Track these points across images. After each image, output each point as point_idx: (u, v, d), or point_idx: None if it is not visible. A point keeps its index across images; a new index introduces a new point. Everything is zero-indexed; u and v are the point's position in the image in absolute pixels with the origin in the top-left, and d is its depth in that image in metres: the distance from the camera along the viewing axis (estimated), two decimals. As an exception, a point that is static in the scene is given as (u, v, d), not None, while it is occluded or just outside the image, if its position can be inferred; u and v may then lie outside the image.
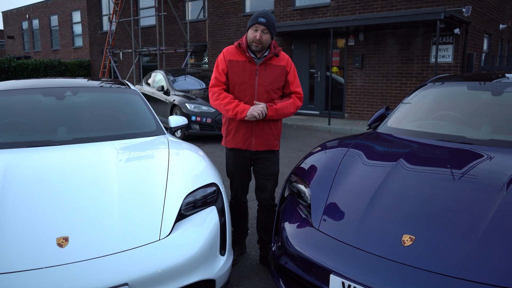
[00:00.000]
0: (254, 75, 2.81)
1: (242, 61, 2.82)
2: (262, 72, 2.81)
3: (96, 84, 3.84)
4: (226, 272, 2.42)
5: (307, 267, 2.12)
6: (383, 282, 1.81)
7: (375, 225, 2.09)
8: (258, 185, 3.02)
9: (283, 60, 2.89)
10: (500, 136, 2.83)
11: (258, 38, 2.72)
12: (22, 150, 2.81)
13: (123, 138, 3.19)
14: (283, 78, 2.87)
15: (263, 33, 2.73)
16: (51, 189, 2.30)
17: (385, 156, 2.68)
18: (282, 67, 2.86)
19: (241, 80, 2.82)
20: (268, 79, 2.82)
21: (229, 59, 2.84)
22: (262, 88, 2.81)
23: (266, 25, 2.72)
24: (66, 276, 1.87)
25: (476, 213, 1.98)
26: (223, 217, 2.53)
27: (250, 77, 2.81)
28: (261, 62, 2.81)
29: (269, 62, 2.83)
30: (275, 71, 2.83)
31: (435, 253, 1.85)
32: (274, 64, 2.84)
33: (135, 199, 2.33)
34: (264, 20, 2.71)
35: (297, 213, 2.48)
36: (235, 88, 2.86)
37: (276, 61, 2.85)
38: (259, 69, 2.81)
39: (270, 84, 2.82)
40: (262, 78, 2.81)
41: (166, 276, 2.05)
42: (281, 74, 2.85)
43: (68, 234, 2.03)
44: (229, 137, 2.95)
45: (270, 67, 2.83)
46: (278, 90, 2.88)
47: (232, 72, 2.84)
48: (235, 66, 2.82)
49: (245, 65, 2.82)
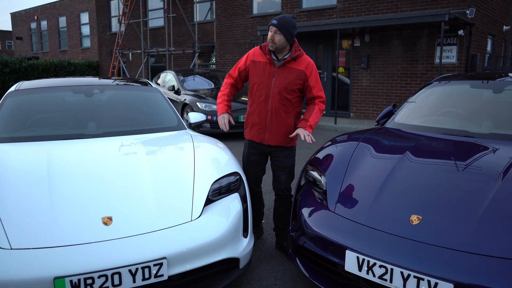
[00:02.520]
0: (272, 76, 3.03)
1: (263, 62, 3.05)
2: (280, 74, 3.01)
3: (120, 83, 4.11)
4: (249, 253, 2.66)
5: (325, 245, 2.36)
6: (393, 255, 2.05)
7: (385, 208, 2.32)
8: (274, 177, 3.26)
9: (303, 64, 3.03)
10: (500, 130, 3.06)
11: (271, 39, 2.96)
12: (59, 142, 3.07)
13: (148, 132, 3.45)
14: (300, 81, 3.01)
15: (275, 34, 2.94)
16: (92, 175, 2.55)
17: (392, 149, 2.92)
18: (300, 71, 3.01)
19: (260, 80, 3.06)
20: (284, 81, 3.00)
21: (252, 59, 3.08)
22: (276, 90, 3.00)
23: (277, 27, 2.92)
24: (112, 250, 2.11)
25: (476, 198, 2.21)
26: (245, 203, 2.77)
27: (268, 78, 3.03)
28: (280, 64, 3.01)
29: (287, 65, 3.01)
30: (292, 74, 3.00)
31: (440, 230, 2.08)
32: (293, 68, 3.01)
33: (167, 184, 2.57)
34: (276, 22, 2.93)
35: (314, 199, 2.72)
36: (254, 87, 3.09)
37: (295, 64, 3.02)
38: (277, 71, 3.02)
39: (286, 86, 2.99)
40: (278, 80, 3.01)
41: (198, 253, 2.29)
42: (299, 77, 3.01)
43: (112, 214, 2.28)
44: (247, 129, 3.21)
45: (288, 70, 3.01)
46: (292, 92, 3.02)
47: (252, 72, 3.08)
48: (257, 67, 3.06)
49: (265, 67, 3.04)
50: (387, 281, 2.05)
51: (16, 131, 3.24)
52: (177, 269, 2.21)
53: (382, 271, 2.06)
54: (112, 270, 2.03)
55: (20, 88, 3.72)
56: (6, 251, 2.01)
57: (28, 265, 1.97)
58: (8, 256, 1.99)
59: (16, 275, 1.93)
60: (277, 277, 2.90)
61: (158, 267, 2.12)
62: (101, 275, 2.01)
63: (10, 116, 3.38)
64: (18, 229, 2.11)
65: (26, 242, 2.06)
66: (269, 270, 2.99)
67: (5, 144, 3.02)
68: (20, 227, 2.13)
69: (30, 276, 1.94)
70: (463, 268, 1.89)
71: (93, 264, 2.02)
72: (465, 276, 1.86)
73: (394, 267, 2.02)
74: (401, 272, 2.00)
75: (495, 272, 1.84)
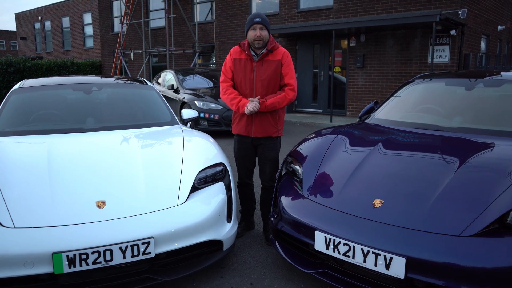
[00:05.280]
0: (253, 71, 3.26)
1: (243, 59, 3.29)
2: (259, 68, 3.24)
3: (118, 81, 4.36)
4: (232, 236, 2.89)
5: (298, 228, 2.60)
6: (355, 234, 2.29)
7: (352, 194, 2.57)
8: (260, 168, 3.50)
9: (279, 54, 3.24)
10: (468, 124, 3.29)
11: (258, 35, 3.17)
12: (59, 135, 3.32)
13: (142, 127, 3.69)
14: (279, 71, 3.23)
15: (261, 30, 3.18)
16: (88, 164, 2.81)
17: (366, 142, 3.15)
18: (278, 61, 3.22)
19: (243, 75, 3.29)
20: (265, 74, 3.23)
21: (234, 58, 3.31)
22: (259, 83, 3.24)
23: (262, 23, 3.17)
24: (104, 230, 2.35)
25: (432, 185, 2.44)
26: (229, 191, 3.01)
27: (250, 73, 3.26)
28: (258, 59, 3.25)
29: (265, 59, 3.25)
30: (271, 66, 3.24)
31: (397, 212, 2.32)
32: (270, 60, 3.24)
33: (156, 173, 2.82)
34: (259, 19, 3.17)
35: (292, 187, 2.96)
36: (237, 82, 3.33)
37: (272, 56, 3.25)
38: (257, 65, 3.25)
39: (267, 78, 3.23)
40: (259, 73, 3.24)
41: (183, 234, 2.53)
42: (278, 68, 3.22)
43: (105, 199, 2.53)
44: (235, 124, 3.44)
45: (266, 63, 3.24)
46: (274, 83, 3.25)
47: (235, 69, 3.31)
48: (238, 64, 3.30)
49: (246, 63, 3.28)
50: (350, 257, 2.29)
51: (19, 126, 3.50)
52: (163, 248, 2.45)
53: (346, 248, 2.30)
54: (104, 247, 2.28)
55: (23, 86, 3.98)
56: (10, 229, 2.27)
57: (30, 242, 2.22)
58: (12, 234, 2.25)
59: (19, 251, 2.19)
60: (260, 260, 3.14)
61: (146, 245, 2.37)
62: (94, 251, 2.26)
63: (14, 112, 3.63)
64: (20, 210, 2.37)
65: (28, 222, 2.31)
66: (252, 254, 3.23)
67: (10, 137, 3.28)
68: (23, 208, 2.38)
69: (31, 251, 2.19)
70: (414, 245, 2.13)
71: (87, 241, 2.27)
72: (416, 251, 2.10)
73: (356, 245, 2.26)
74: (361, 249, 2.23)
75: (440, 247, 2.07)
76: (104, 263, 2.28)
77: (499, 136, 2.97)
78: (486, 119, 3.31)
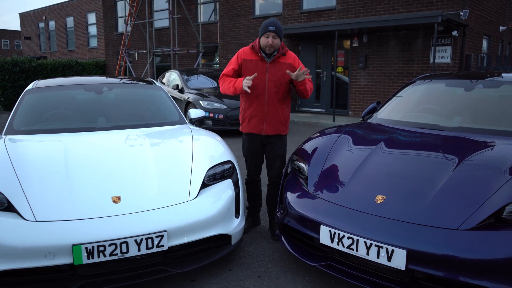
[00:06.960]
0: (265, 71, 3.40)
1: (255, 60, 3.42)
2: (272, 69, 3.39)
3: (127, 82, 4.49)
4: (239, 231, 3.02)
5: (304, 223, 2.73)
6: (358, 228, 2.41)
7: (355, 190, 2.69)
8: (268, 165, 3.62)
9: (290, 58, 3.44)
10: (468, 124, 3.40)
11: (270, 43, 3.31)
12: (73, 134, 3.46)
13: (152, 126, 3.82)
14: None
15: (274, 38, 3.32)
16: (102, 161, 2.94)
17: (369, 141, 3.27)
18: (289, 64, 3.40)
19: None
20: (277, 75, 3.38)
21: (243, 58, 3.43)
22: (271, 83, 3.38)
23: (276, 32, 3.31)
24: (120, 223, 2.48)
25: (432, 181, 2.55)
26: (237, 188, 3.14)
27: (262, 74, 3.40)
28: (271, 60, 3.38)
29: (277, 61, 3.39)
30: (283, 68, 3.38)
31: (399, 207, 2.44)
32: (282, 62, 3.40)
33: (168, 170, 2.95)
34: (273, 28, 3.30)
35: (297, 184, 3.08)
36: None
37: (284, 59, 3.41)
38: (269, 66, 3.39)
39: (279, 79, 3.38)
40: (271, 74, 3.39)
41: (194, 228, 2.66)
42: (289, 69, 3.36)
43: (120, 194, 2.66)
44: (245, 123, 3.55)
45: (278, 65, 3.39)
46: (285, 83, 3.42)
47: (245, 69, 3.43)
48: (249, 64, 3.42)
49: (257, 63, 3.41)
50: (353, 250, 2.41)
51: (34, 125, 3.63)
52: (176, 241, 2.58)
53: (350, 241, 2.42)
54: (121, 239, 2.41)
55: (36, 86, 4.11)
56: (32, 223, 2.40)
57: (50, 235, 2.35)
58: (33, 227, 2.38)
59: (41, 243, 2.32)
60: (266, 254, 3.26)
61: (159, 238, 2.49)
62: (111, 244, 2.39)
63: (29, 112, 3.77)
64: (41, 205, 2.50)
65: (48, 216, 2.44)
66: (259, 249, 3.36)
67: (26, 136, 3.41)
68: (43, 203, 2.51)
69: (52, 243, 2.32)
70: (414, 238, 2.25)
71: (105, 234, 2.40)
72: (416, 244, 2.22)
73: (359, 238, 2.38)
74: (364, 242, 2.35)
75: (439, 240, 2.20)
76: (120, 255, 2.41)
77: (497, 136, 3.09)
78: (485, 119, 3.42)
